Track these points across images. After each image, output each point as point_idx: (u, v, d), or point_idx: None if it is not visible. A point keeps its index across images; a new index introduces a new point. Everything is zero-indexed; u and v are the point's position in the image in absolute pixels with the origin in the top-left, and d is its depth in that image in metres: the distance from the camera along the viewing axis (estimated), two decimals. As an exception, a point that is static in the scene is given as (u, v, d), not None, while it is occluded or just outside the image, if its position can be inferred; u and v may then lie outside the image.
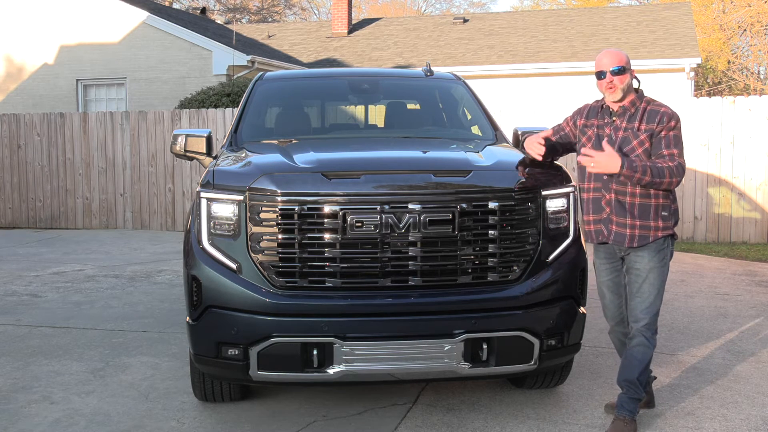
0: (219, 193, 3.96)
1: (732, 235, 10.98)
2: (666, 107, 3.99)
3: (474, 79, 18.17)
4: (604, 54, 4.06)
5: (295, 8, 45.89)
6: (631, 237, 3.97)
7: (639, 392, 4.00)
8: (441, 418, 4.29)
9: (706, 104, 11.13)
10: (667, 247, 4.02)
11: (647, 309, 3.98)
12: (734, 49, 35.41)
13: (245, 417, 4.32)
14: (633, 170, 3.80)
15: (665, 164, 3.86)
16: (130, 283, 8.31)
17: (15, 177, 13.90)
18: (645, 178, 3.82)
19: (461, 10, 49.18)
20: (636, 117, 3.98)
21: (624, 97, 4.00)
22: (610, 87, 3.99)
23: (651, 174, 3.81)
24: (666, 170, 3.84)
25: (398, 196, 3.82)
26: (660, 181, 3.84)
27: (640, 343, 4.00)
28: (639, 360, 3.99)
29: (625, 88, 3.98)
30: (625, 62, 4.00)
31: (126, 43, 17.83)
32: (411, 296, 3.84)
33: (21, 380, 5.00)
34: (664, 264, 4.00)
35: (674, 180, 3.87)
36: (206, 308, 3.91)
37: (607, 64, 4.00)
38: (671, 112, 3.96)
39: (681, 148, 3.95)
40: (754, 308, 6.97)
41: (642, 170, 3.81)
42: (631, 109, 4.01)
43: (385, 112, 5.84)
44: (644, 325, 3.99)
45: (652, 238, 3.95)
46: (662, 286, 4.02)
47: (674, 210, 4.04)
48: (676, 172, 3.87)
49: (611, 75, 3.97)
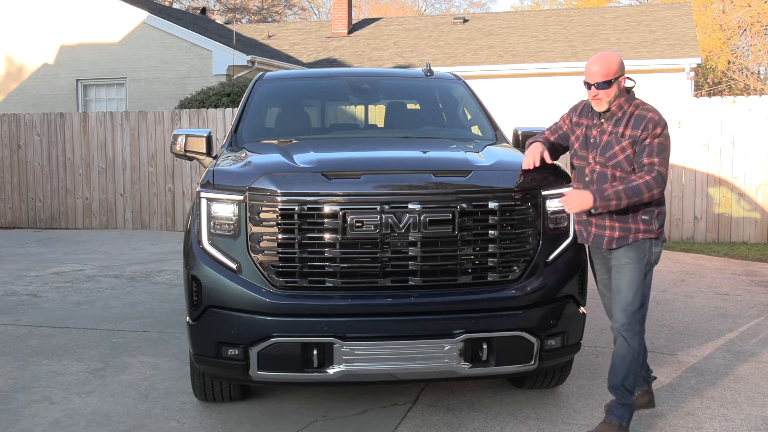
0: (219, 193, 3.96)
1: (732, 235, 10.98)
2: (654, 112, 3.89)
3: (474, 79, 18.16)
4: (594, 62, 3.92)
5: (295, 8, 45.90)
6: (609, 239, 3.94)
7: (626, 398, 3.93)
8: (441, 418, 4.29)
9: (706, 104, 11.13)
10: (648, 248, 3.92)
11: (625, 308, 3.90)
12: (734, 49, 35.41)
13: (245, 417, 4.32)
14: (606, 200, 3.77)
15: (641, 179, 3.78)
16: (130, 283, 8.31)
17: (15, 177, 13.90)
18: (622, 203, 3.78)
19: (461, 10, 49.20)
20: (622, 122, 3.91)
21: (611, 106, 3.93)
22: (595, 98, 3.93)
23: (626, 196, 3.77)
24: (642, 186, 3.78)
25: (398, 196, 3.82)
26: (639, 199, 3.80)
27: (619, 346, 3.95)
28: (620, 365, 3.93)
29: (611, 99, 3.90)
30: (613, 74, 3.85)
31: (126, 43, 17.83)
32: (411, 296, 3.84)
33: (21, 380, 5.00)
34: (642, 261, 3.90)
35: (654, 192, 3.80)
36: (206, 308, 3.91)
37: (594, 77, 3.88)
38: (658, 119, 3.86)
39: (664, 156, 3.85)
40: (754, 308, 6.97)
41: (616, 197, 3.77)
42: (618, 113, 3.93)
43: (385, 112, 5.85)
44: (622, 326, 3.91)
45: (632, 239, 3.90)
46: (641, 285, 3.90)
47: (657, 214, 3.93)
48: (654, 185, 3.79)
49: (596, 89, 3.89)
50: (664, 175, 3.83)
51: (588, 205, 3.82)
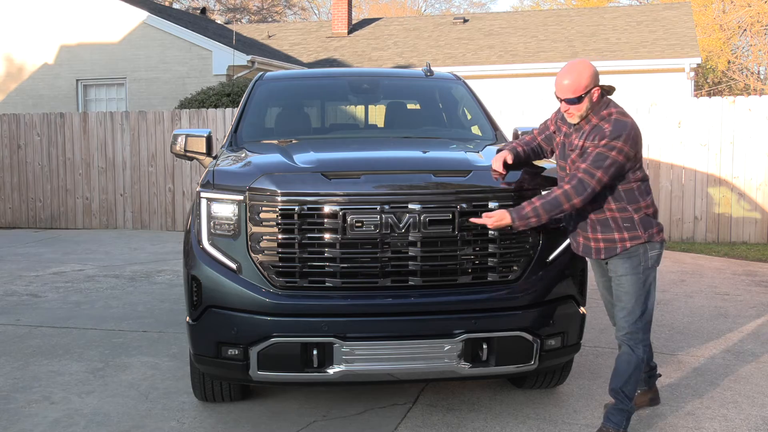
0: (219, 193, 3.96)
1: (732, 235, 10.98)
2: (610, 124, 3.74)
3: (474, 79, 18.17)
4: (564, 74, 3.79)
5: (295, 8, 45.89)
6: (596, 250, 3.91)
7: (625, 403, 3.91)
8: (441, 418, 4.29)
9: (706, 104, 11.12)
10: (642, 254, 3.84)
11: (626, 317, 3.88)
12: (734, 49, 35.42)
13: (245, 417, 4.32)
14: (524, 218, 3.73)
15: (560, 189, 3.74)
16: (130, 283, 8.31)
17: (15, 177, 13.90)
18: (542, 219, 3.74)
19: (461, 10, 49.22)
20: (583, 135, 3.84)
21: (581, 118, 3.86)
22: (567, 112, 3.87)
23: (545, 211, 3.72)
24: (561, 197, 3.73)
25: (398, 196, 3.82)
26: (560, 210, 3.75)
27: (623, 352, 3.93)
28: (622, 370, 3.90)
29: (583, 114, 3.82)
30: (584, 89, 3.73)
31: (126, 43, 17.83)
32: (411, 296, 3.84)
33: (21, 380, 4.99)
34: (638, 269, 3.83)
35: (575, 201, 3.73)
36: (206, 308, 3.91)
37: (564, 92, 3.78)
38: (610, 130, 3.71)
39: (599, 165, 3.69)
40: (754, 308, 6.97)
41: (534, 213, 3.72)
42: (585, 126, 3.86)
43: (385, 112, 5.85)
44: (625, 334, 3.89)
45: (620, 249, 3.84)
46: (642, 294, 3.85)
47: (640, 219, 3.83)
48: (573, 194, 3.71)
49: (567, 104, 3.82)
50: (587, 183, 3.70)
51: (505, 222, 3.74)
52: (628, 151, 3.74)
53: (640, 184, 3.86)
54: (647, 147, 10.96)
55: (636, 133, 3.79)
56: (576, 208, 3.81)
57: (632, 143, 3.76)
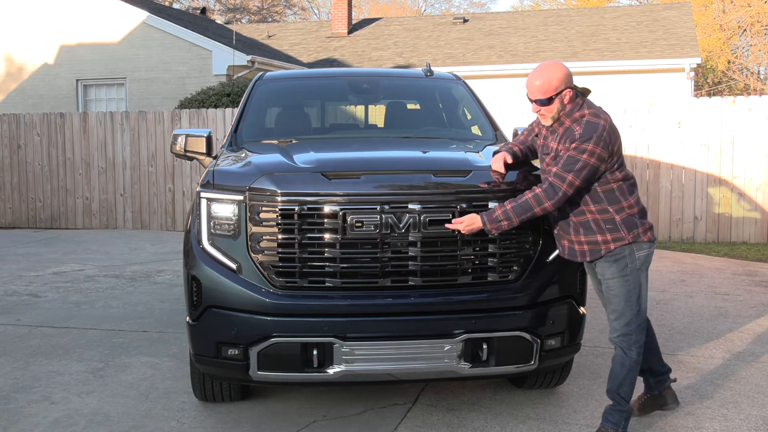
0: (219, 193, 3.96)
1: (732, 235, 10.98)
2: (581, 127, 3.70)
3: (474, 79, 18.17)
4: (535, 75, 3.77)
5: (295, 8, 45.89)
6: (581, 252, 3.87)
7: (622, 405, 3.90)
8: (441, 418, 4.29)
9: (706, 104, 11.12)
10: (628, 255, 3.78)
11: (617, 320, 3.86)
12: (734, 49, 35.42)
13: (245, 417, 4.32)
14: (496, 221, 3.71)
15: (531, 193, 3.72)
16: (130, 283, 8.31)
17: (15, 177, 13.90)
18: (513, 222, 3.72)
19: (461, 10, 49.21)
20: (557, 138, 3.83)
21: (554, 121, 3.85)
22: (538, 113, 3.85)
23: (516, 215, 3.70)
24: (532, 201, 3.71)
25: (398, 196, 3.82)
26: (532, 214, 3.73)
27: (617, 355, 3.92)
28: (617, 373, 3.89)
29: (555, 115, 3.80)
30: (554, 90, 3.71)
31: (126, 43, 17.83)
32: (411, 296, 3.84)
33: (21, 380, 5.00)
34: (624, 272, 3.78)
35: (546, 205, 3.71)
36: (206, 308, 3.91)
37: (534, 93, 3.76)
38: (581, 134, 3.68)
39: (569, 168, 3.66)
40: (754, 308, 6.97)
41: (504, 216, 3.70)
42: (558, 129, 3.85)
43: (385, 112, 5.84)
44: (617, 337, 3.87)
45: (604, 251, 3.80)
46: (632, 296, 3.80)
47: (622, 220, 3.77)
48: (543, 197, 3.69)
49: (537, 105, 3.81)
50: (557, 187, 3.68)
51: (476, 226, 3.72)
52: (601, 153, 3.68)
53: (621, 184, 3.80)
54: (647, 147, 10.97)
55: (610, 134, 3.72)
56: (549, 211, 3.78)
57: (604, 145, 3.69)
